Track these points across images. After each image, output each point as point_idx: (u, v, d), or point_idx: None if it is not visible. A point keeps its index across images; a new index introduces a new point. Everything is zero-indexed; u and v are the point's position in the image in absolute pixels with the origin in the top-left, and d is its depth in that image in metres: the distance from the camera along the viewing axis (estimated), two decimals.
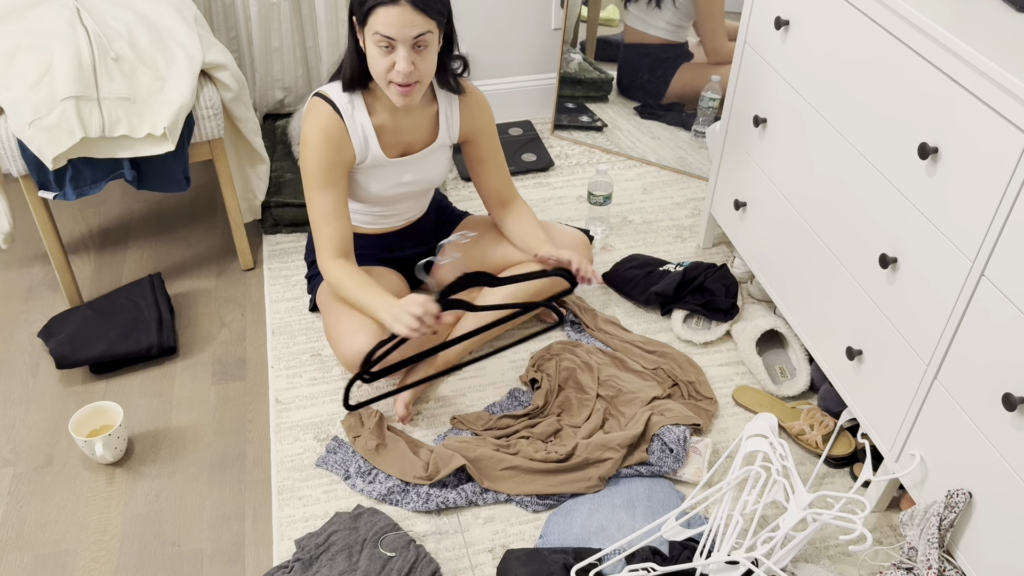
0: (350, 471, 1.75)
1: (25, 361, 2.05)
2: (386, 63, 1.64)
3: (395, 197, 1.91)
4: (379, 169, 1.84)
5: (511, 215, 2.01)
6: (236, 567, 1.62)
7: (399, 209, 1.97)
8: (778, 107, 1.87)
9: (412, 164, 1.86)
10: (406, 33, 1.60)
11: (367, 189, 1.86)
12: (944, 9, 1.38)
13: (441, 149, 1.90)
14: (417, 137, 1.85)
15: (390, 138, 1.82)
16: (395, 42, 1.61)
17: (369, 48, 1.65)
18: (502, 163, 1.97)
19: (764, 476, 1.59)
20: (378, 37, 1.61)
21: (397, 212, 1.98)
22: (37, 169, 1.91)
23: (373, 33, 1.61)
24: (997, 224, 1.26)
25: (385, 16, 1.58)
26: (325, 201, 1.78)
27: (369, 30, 1.61)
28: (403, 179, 1.88)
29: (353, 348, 1.78)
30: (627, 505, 1.68)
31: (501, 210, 2.02)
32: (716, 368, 2.03)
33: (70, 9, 1.95)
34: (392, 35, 1.60)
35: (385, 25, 1.59)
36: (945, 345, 1.41)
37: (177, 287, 2.27)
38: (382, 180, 1.85)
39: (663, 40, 2.59)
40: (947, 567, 1.41)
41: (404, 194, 1.92)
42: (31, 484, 1.77)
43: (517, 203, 2.02)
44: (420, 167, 1.88)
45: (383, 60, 1.64)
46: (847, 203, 1.65)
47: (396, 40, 1.60)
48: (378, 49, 1.63)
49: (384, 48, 1.62)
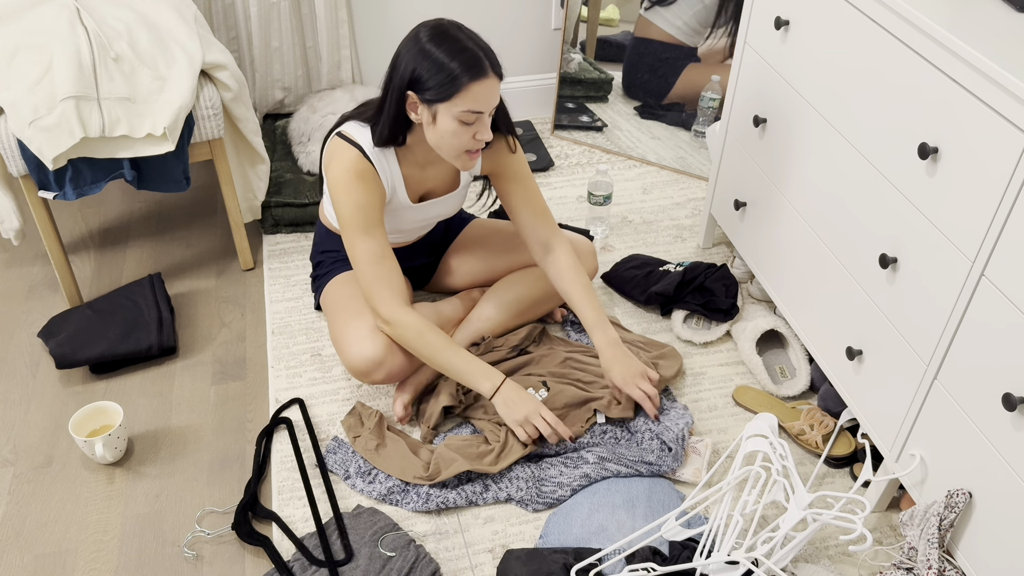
0: (350, 471, 1.75)
1: (25, 361, 2.05)
2: (467, 136, 1.60)
3: (414, 230, 1.94)
4: (402, 211, 1.84)
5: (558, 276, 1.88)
6: (236, 567, 1.62)
7: (412, 234, 1.99)
8: (778, 107, 1.87)
9: (434, 206, 1.88)
10: (492, 103, 1.59)
11: (389, 224, 1.87)
12: (944, 9, 1.38)
13: (463, 188, 1.91)
14: (441, 185, 1.86)
15: (415, 185, 1.81)
16: (481, 115, 1.59)
17: (446, 124, 1.59)
18: (536, 199, 1.87)
19: (764, 476, 1.59)
20: (466, 114, 1.57)
21: (410, 235, 1.99)
22: (37, 169, 1.91)
23: (461, 111, 1.56)
24: (997, 224, 1.26)
25: (477, 92, 1.55)
26: (371, 243, 1.70)
27: (454, 107, 1.56)
28: (425, 216, 1.89)
29: (361, 354, 1.78)
30: (627, 505, 1.68)
31: (545, 257, 1.89)
32: (716, 368, 2.03)
33: (70, 9, 1.95)
34: (482, 108, 1.57)
35: (477, 100, 1.56)
36: (945, 345, 1.41)
37: (177, 287, 2.27)
38: (404, 219, 1.86)
39: (675, 40, 2.58)
40: (947, 567, 1.41)
41: (423, 228, 1.95)
42: (31, 484, 1.77)
43: (561, 255, 1.88)
44: (440, 207, 1.90)
45: (464, 134, 1.60)
46: (847, 203, 1.65)
47: (483, 112, 1.59)
48: (459, 125, 1.58)
49: (467, 123, 1.59)
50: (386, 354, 1.78)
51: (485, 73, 1.55)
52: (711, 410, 1.93)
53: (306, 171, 2.47)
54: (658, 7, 2.57)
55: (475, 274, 2.08)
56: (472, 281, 2.09)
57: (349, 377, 1.99)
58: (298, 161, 2.50)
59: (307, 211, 2.38)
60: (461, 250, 2.09)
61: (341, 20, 2.60)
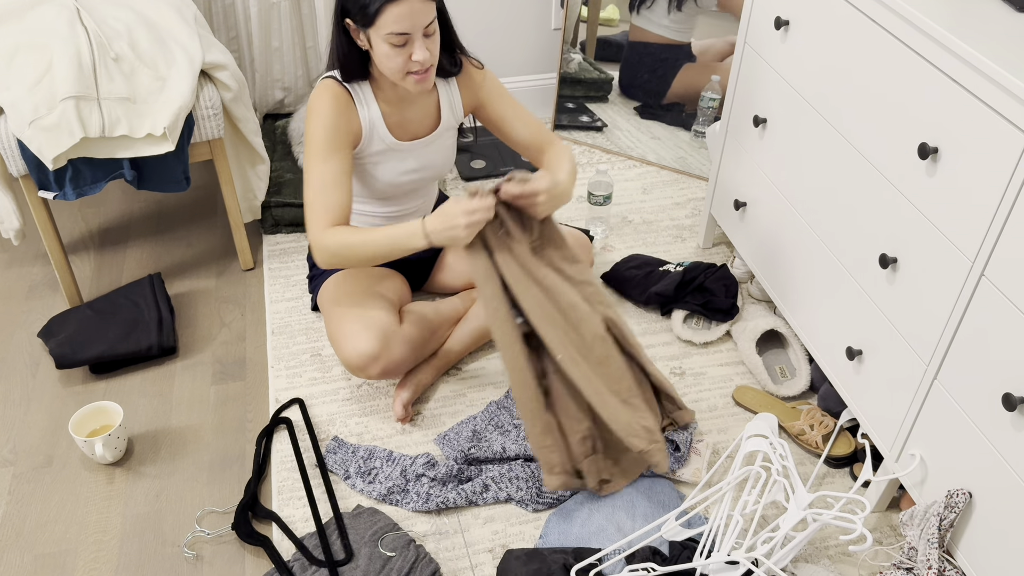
0: (350, 471, 1.76)
1: (25, 361, 2.05)
2: (402, 58, 1.64)
3: (404, 185, 1.91)
4: (388, 153, 1.83)
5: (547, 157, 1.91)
6: (236, 567, 1.62)
7: (407, 208, 1.97)
8: (778, 107, 1.87)
9: (419, 148, 1.87)
10: (419, 23, 1.60)
11: (376, 176, 1.86)
12: (944, 9, 1.38)
13: (447, 133, 1.91)
14: (422, 125, 1.86)
15: (396, 127, 1.82)
16: (409, 36, 1.61)
17: (379, 47, 1.64)
18: (524, 114, 1.91)
19: (764, 476, 1.59)
20: (392, 36, 1.60)
21: (405, 211, 1.98)
22: (37, 169, 1.91)
23: (386, 33, 1.60)
24: (997, 224, 1.26)
25: (397, 12, 1.58)
26: (326, 168, 1.72)
27: (379, 30, 1.61)
28: (411, 165, 1.88)
29: (356, 349, 1.78)
30: (627, 505, 1.68)
31: (542, 156, 1.92)
32: (716, 368, 2.03)
33: (70, 9, 1.95)
34: (407, 30, 1.60)
35: (398, 22, 1.58)
36: (945, 345, 1.41)
37: (177, 287, 2.27)
38: (390, 165, 1.86)
39: (667, 40, 2.59)
40: (947, 567, 1.41)
41: (412, 181, 1.91)
42: (31, 484, 1.77)
43: (556, 147, 1.90)
44: (427, 152, 1.88)
45: (399, 56, 1.63)
46: (847, 203, 1.65)
47: (411, 33, 1.61)
48: (391, 48, 1.62)
49: (399, 46, 1.62)
50: (382, 349, 1.78)
51: None
52: (711, 410, 1.93)
53: None
54: (643, 11, 2.58)
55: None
56: (470, 278, 2.09)
57: (349, 377, 1.99)
58: (298, 161, 2.50)
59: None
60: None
61: None
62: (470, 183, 1.74)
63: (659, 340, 2.10)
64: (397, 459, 1.78)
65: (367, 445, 1.82)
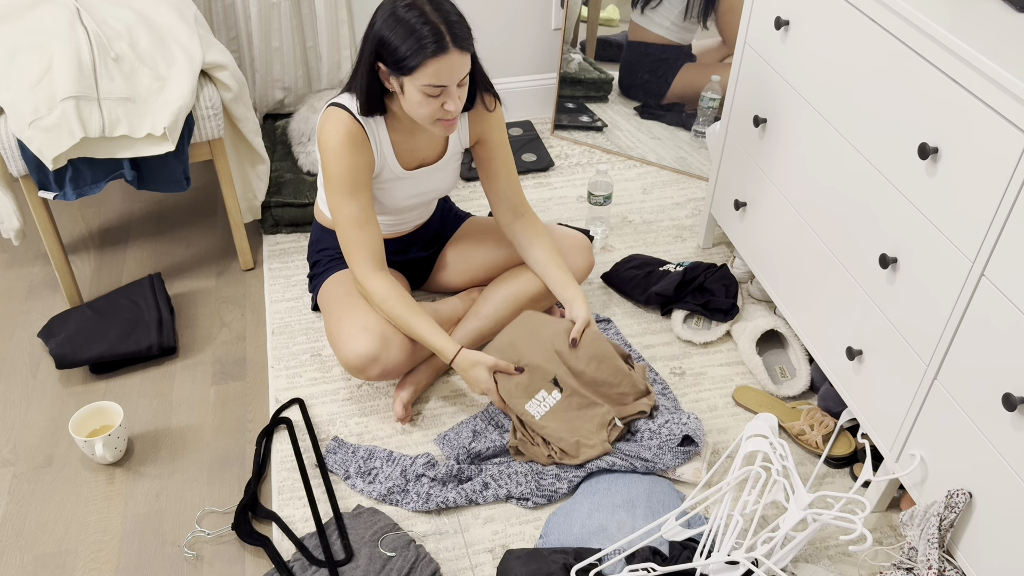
0: (350, 471, 1.76)
1: (25, 361, 2.05)
2: (434, 107, 1.62)
3: (408, 207, 1.93)
4: (395, 182, 1.84)
5: (527, 237, 1.94)
6: (236, 567, 1.62)
7: (409, 217, 1.98)
8: (778, 107, 1.87)
9: (425, 175, 1.87)
10: (456, 77, 1.60)
11: (383, 202, 1.87)
12: (944, 9, 1.38)
13: (453, 159, 1.91)
14: (429, 153, 1.86)
15: (405, 154, 1.82)
16: (446, 88, 1.60)
17: (412, 95, 1.62)
18: (511, 167, 1.92)
19: (764, 476, 1.59)
20: (428, 87, 1.59)
21: (407, 219, 1.98)
22: (37, 169, 1.91)
23: (423, 84, 1.58)
24: (997, 224, 1.26)
25: (437, 68, 1.56)
26: (355, 207, 1.74)
27: (415, 81, 1.58)
28: (417, 190, 1.89)
29: (355, 351, 1.78)
30: (627, 505, 1.68)
31: (513, 222, 1.95)
32: (716, 368, 2.03)
33: (70, 9, 1.95)
34: (444, 83, 1.59)
35: (437, 76, 1.57)
36: (945, 345, 1.41)
37: (177, 287, 2.27)
38: (397, 192, 1.86)
39: (666, 40, 2.59)
40: (947, 567, 1.41)
41: (416, 204, 1.93)
42: (31, 484, 1.77)
43: (530, 220, 1.95)
44: (432, 178, 1.89)
45: (431, 105, 1.62)
46: (847, 203, 1.65)
47: (447, 86, 1.60)
48: (424, 96, 1.61)
49: (433, 96, 1.61)
50: (381, 350, 1.78)
51: (444, 49, 1.56)
52: (711, 410, 1.93)
53: (306, 171, 2.47)
54: (647, 10, 2.58)
55: (472, 270, 2.08)
56: (470, 278, 2.09)
57: (349, 377, 1.99)
58: (298, 161, 2.50)
59: (307, 211, 2.38)
60: (458, 245, 2.09)
61: (341, 20, 2.60)
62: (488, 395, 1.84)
63: (659, 340, 2.10)
64: (397, 459, 1.78)
65: (367, 445, 1.82)
